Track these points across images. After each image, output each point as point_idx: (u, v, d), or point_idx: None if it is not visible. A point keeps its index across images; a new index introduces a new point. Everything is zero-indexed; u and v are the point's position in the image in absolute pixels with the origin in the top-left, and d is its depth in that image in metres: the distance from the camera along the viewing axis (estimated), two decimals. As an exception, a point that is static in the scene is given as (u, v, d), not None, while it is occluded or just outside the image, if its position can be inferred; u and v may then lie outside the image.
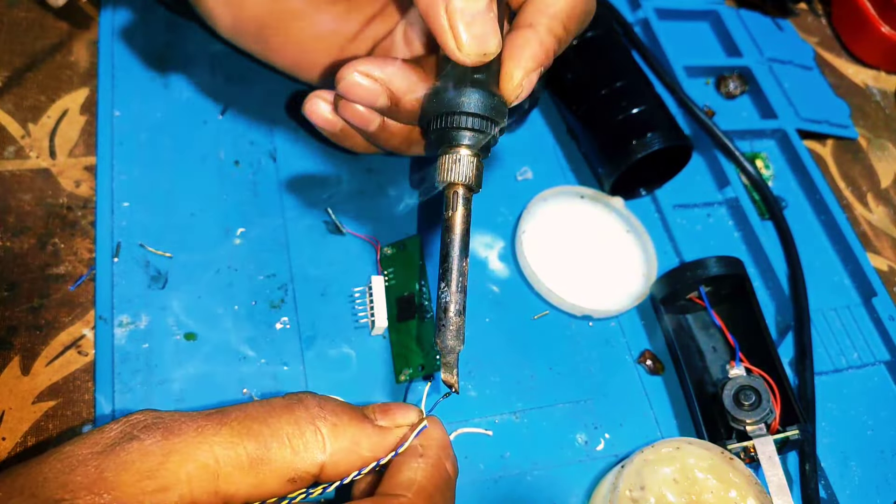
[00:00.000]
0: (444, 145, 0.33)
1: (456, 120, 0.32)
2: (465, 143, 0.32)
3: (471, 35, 0.31)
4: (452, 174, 0.32)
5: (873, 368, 0.50)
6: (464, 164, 0.32)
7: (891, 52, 0.69)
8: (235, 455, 0.24)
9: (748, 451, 0.41)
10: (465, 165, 0.32)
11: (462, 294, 0.32)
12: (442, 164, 0.33)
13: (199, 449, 0.24)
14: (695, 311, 0.48)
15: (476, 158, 0.33)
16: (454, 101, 0.32)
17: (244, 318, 0.42)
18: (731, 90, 0.62)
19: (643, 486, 0.38)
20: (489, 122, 0.33)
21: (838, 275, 0.55)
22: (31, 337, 0.39)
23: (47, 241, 0.42)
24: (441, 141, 0.33)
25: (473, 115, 0.32)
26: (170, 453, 0.23)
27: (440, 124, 0.33)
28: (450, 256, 0.32)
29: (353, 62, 0.34)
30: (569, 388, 0.44)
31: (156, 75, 0.49)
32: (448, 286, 0.31)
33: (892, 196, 0.62)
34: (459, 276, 0.32)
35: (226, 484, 0.24)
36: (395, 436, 0.28)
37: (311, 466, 0.25)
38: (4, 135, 0.45)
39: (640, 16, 0.62)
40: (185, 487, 0.23)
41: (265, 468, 0.24)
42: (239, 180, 0.47)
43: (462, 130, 0.32)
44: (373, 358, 0.43)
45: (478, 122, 0.32)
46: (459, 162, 0.32)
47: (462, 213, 0.32)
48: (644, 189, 0.53)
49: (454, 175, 0.32)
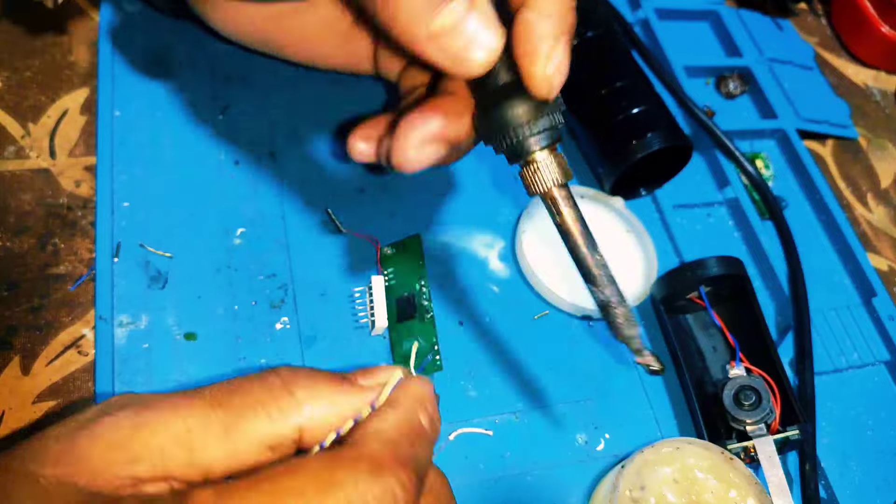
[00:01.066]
0: (516, 160, 0.32)
1: (512, 136, 0.31)
2: (534, 149, 0.31)
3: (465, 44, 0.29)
4: (539, 185, 0.32)
5: (873, 368, 0.50)
6: (543, 169, 0.31)
7: (891, 52, 0.69)
8: (208, 424, 0.24)
9: (748, 452, 0.41)
10: (545, 170, 0.31)
11: (613, 285, 0.31)
12: (525, 179, 0.32)
13: (171, 421, 0.24)
14: (695, 311, 0.48)
15: (551, 156, 0.31)
16: (502, 121, 0.31)
17: (244, 318, 0.42)
18: (731, 90, 0.62)
19: (643, 486, 0.38)
20: (544, 116, 0.31)
21: (838, 275, 0.55)
22: (31, 337, 0.39)
23: (47, 241, 0.42)
24: (512, 157, 0.32)
25: (525, 125, 0.31)
26: (141, 426, 0.23)
27: (502, 147, 0.32)
28: (581, 258, 0.32)
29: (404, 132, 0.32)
30: (569, 388, 0.44)
31: (156, 75, 0.49)
32: (597, 286, 0.31)
33: (892, 196, 0.62)
34: (600, 269, 0.31)
35: (201, 454, 0.23)
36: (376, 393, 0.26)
37: (289, 430, 0.25)
38: (4, 135, 0.45)
39: (640, 16, 0.62)
40: (157, 458, 0.23)
41: (240, 436, 0.24)
42: (239, 180, 0.47)
43: (524, 141, 0.31)
44: (373, 358, 0.43)
45: (535, 126, 0.31)
46: (538, 170, 0.31)
47: (570, 213, 0.32)
48: (644, 189, 0.54)
49: (542, 185, 0.32)
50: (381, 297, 0.42)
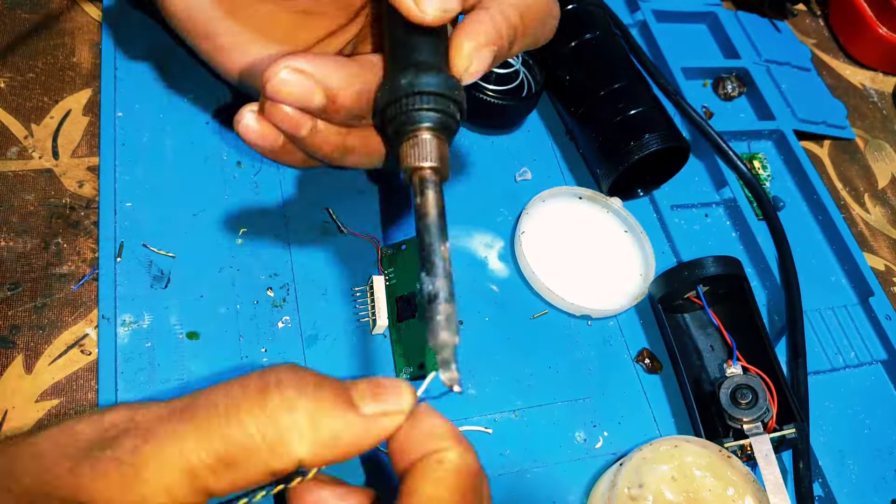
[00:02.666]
0: (403, 132, 0.31)
1: (410, 102, 0.30)
2: (424, 124, 0.30)
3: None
4: (414, 158, 0.30)
5: (870, 368, 0.51)
6: (425, 145, 0.30)
7: (888, 54, 0.70)
8: (209, 458, 0.24)
9: (745, 450, 0.42)
10: (427, 146, 0.30)
11: (448, 280, 0.28)
12: (403, 150, 0.30)
13: (172, 456, 0.24)
14: (692, 310, 0.49)
15: (438, 139, 0.30)
16: (407, 86, 0.30)
17: (246, 317, 0.42)
18: (728, 91, 0.62)
19: (641, 484, 0.38)
20: (446, 99, 0.30)
21: (835, 275, 0.55)
22: (35, 336, 0.40)
23: (50, 241, 0.43)
24: (399, 131, 0.31)
25: (430, 94, 0.30)
26: (145, 463, 0.23)
27: (395, 111, 0.31)
28: (425, 242, 0.29)
29: (280, 59, 0.30)
30: (568, 386, 0.45)
31: (158, 76, 0.49)
32: (430, 274, 0.28)
33: (888, 196, 0.63)
34: (442, 261, 0.28)
35: (204, 482, 0.24)
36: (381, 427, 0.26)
37: (289, 463, 0.25)
38: (7, 135, 0.46)
39: (638, 18, 0.63)
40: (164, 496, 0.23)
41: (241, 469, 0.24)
42: (241, 181, 0.47)
43: (419, 111, 0.30)
44: (374, 356, 0.43)
45: (434, 101, 0.30)
46: (420, 144, 0.30)
47: (432, 196, 0.30)
48: (642, 190, 0.54)
49: (417, 158, 0.30)
50: (381, 296, 0.43)
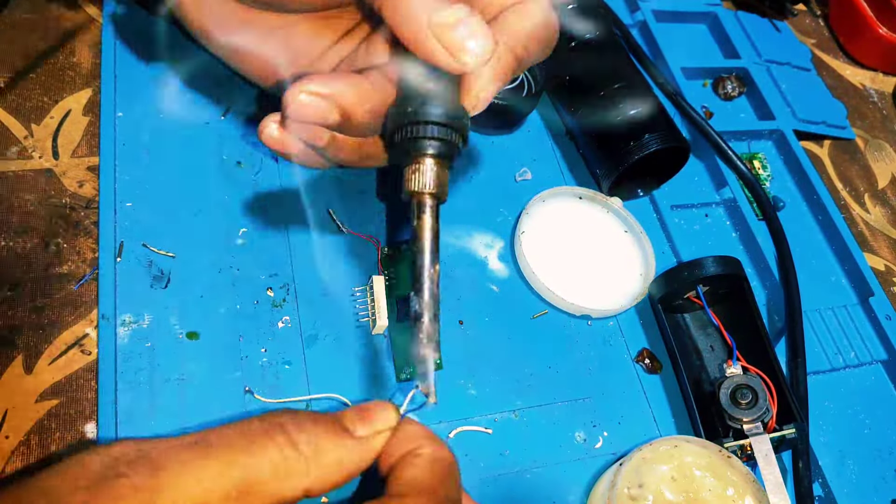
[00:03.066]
0: (407, 157, 0.33)
1: (418, 130, 0.32)
2: (428, 152, 0.33)
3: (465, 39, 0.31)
4: (416, 183, 0.33)
5: (870, 367, 0.51)
6: (427, 173, 0.33)
7: (888, 54, 0.70)
8: (222, 487, 0.25)
9: (745, 450, 0.42)
10: (428, 174, 0.33)
11: (434, 301, 0.31)
12: (406, 174, 0.33)
13: (188, 484, 0.24)
14: (692, 310, 0.49)
15: (440, 167, 0.33)
16: (416, 113, 0.32)
17: (246, 317, 0.42)
18: (728, 91, 0.62)
19: (641, 484, 0.38)
20: (452, 130, 0.33)
21: (835, 275, 0.55)
22: (35, 336, 0.40)
23: (50, 241, 0.43)
24: (405, 153, 0.33)
25: (435, 124, 0.32)
26: (160, 491, 0.24)
27: (403, 136, 0.33)
28: (418, 265, 0.32)
29: (298, 82, 0.33)
30: (568, 386, 0.45)
31: (158, 76, 0.50)
32: (418, 294, 0.31)
33: (888, 196, 0.63)
34: (430, 283, 0.32)
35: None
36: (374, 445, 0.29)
37: (297, 491, 0.26)
38: (7, 135, 0.46)
39: (638, 18, 0.63)
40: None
41: (252, 497, 0.25)
42: (241, 181, 0.47)
43: (425, 140, 0.32)
44: (374, 356, 0.43)
45: (440, 131, 0.32)
46: (423, 171, 0.33)
47: (428, 222, 0.32)
48: (642, 190, 0.54)
49: (418, 184, 0.32)
50: (381, 296, 0.43)
